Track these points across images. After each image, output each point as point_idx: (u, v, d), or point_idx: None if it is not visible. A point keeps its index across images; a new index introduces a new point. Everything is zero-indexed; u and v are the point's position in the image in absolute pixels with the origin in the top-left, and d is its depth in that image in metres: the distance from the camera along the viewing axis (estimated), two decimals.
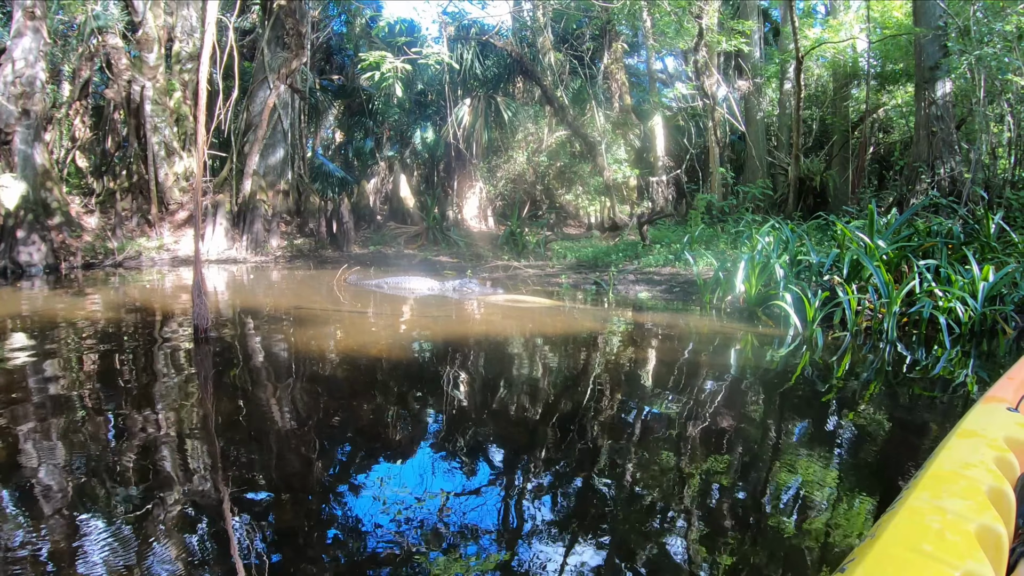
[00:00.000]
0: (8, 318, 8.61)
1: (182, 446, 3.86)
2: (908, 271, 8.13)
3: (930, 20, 14.17)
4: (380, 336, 7.50)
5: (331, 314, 9.01)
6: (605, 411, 4.60)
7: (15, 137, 16.55)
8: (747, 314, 8.39)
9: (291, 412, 4.60)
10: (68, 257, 16.99)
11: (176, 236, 19.59)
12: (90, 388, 5.09)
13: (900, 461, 3.68)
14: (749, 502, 3.18)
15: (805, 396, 5.04)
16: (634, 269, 12.57)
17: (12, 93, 16.46)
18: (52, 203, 17.24)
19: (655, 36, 21.19)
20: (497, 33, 20.56)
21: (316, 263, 17.80)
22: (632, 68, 29.58)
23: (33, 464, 3.50)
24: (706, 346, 6.93)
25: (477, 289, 10.55)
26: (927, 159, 13.95)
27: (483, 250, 18.52)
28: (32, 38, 16.79)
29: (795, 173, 16.52)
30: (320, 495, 3.23)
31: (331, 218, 20.37)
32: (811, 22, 23.78)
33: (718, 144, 17.90)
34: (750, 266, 8.52)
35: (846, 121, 21.43)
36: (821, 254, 8.87)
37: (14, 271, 15.51)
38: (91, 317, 8.58)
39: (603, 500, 3.20)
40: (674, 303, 9.65)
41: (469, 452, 3.86)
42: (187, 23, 21.64)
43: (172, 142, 20.76)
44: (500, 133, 22.80)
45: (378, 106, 25.16)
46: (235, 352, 6.66)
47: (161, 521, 2.89)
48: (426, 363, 6.22)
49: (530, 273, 13.42)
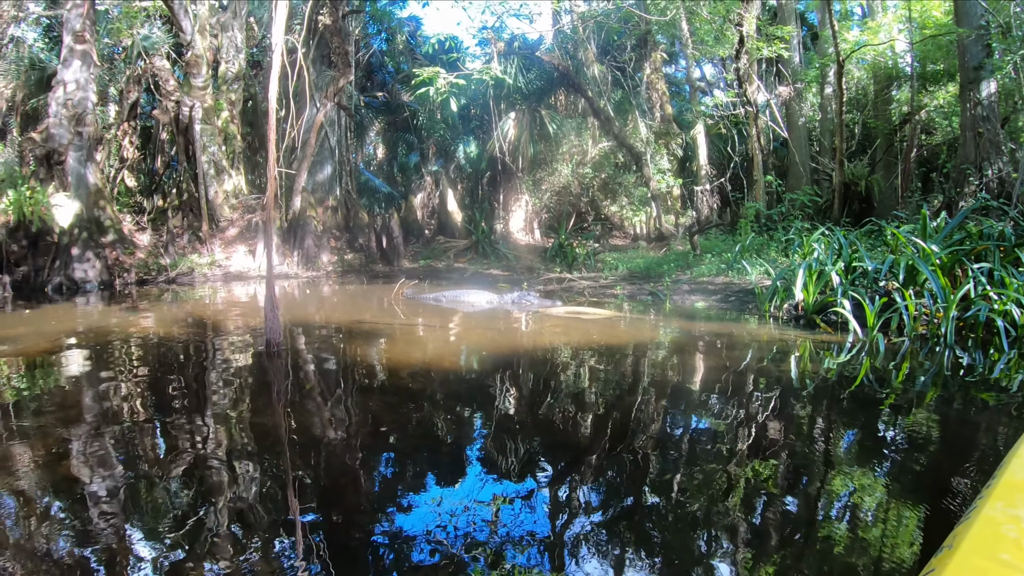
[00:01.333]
0: (78, 333, 8.91)
1: (263, 457, 4.06)
2: (962, 275, 8.23)
3: (972, 20, 14.15)
4: (449, 349, 7.68)
5: (395, 328, 9.22)
6: (675, 421, 4.78)
7: (68, 158, 17.00)
8: (805, 322, 8.53)
9: (370, 425, 4.76)
10: (122, 274, 17.44)
11: (227, 252, 19.97)
12: (173, 402, 5.30)
13: (966, 467, 3.71)
14: (823, 511, 3.23)
15: (871, 401, 5.13)
16: (688, 279, 12.70)
17: (64, 115, 16.93)
18: (105, 221, 17.68)
19: (694, 45, 21.29)
20: (540, 47, 20.83)
21: (368, 278, 18.04)
22: (670, 77, 29.67)
23: (131, 470, 3.74)
24: (770, 354, 7.04)
25: (536, 302, 10.64)
26: (974, 161, 13.94)
27: (532, 263, 18.71)
28: (82, 62, 17.27)
29: (840, 179, 16.53)
30: (403, 506, 3.36)
31: (381, 233, 20.67)
32: (849, 24, 23.66)
33: (762, 151, 17.95)
34: (808, 274, 8.67)
35: (888, 124, 21.33)
36: (876, 260, 8.98)
37: (69, 287, 15.91)
38: (159, 333, 8.86)
39: (682, 508, 3.30)
40: (731, 312, 9.77)
41: (554, 458, 4.03)
42: (233, 44, 22.04)
43: (221, 160, 21.16)
44: (545, 146, 23.00)
45: (423, 121, 25.48)
46: (308, 366, 6.87)
47: (245, 521, 3.13)
48: (499, 375, 6.36)
49: (584, 285, 13.55)
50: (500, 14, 18.78)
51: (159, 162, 24.11)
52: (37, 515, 3.15)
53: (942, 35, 17.43)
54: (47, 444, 4.20)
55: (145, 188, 24.31)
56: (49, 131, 17.07)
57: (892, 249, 9.36)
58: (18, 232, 16.14)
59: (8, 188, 16.29)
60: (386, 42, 28.60)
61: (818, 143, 22.68)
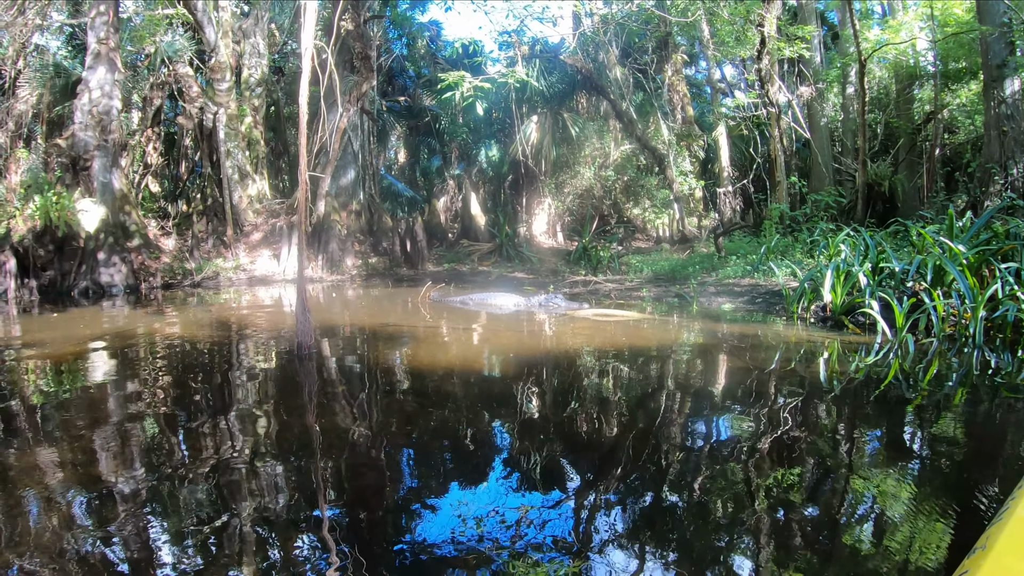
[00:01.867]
0: (111, 336, 9.05)
1: (295, 456, 4.13)
2: (989, 275, 8.25)
3: (995, 17, 14.17)
4: (480, 352, 7.79)
5: (423, 330, 9.33)
6: (713, 422, 4.83)
7: (94, 163, 17.25)
8: (833, 323, 8.59)
9: (404, 427, 4.81)
10: (148, 278, 17.71)
11: (251, 257, 20.20)
12: (211, 403, 5.43)
13: (995, 468, 3.73)
14: (852, 512, 3.26)
15: (901, 401, 5.19)
16: (713, 281, 12.78)
17: (90, 122, 17.18)
18: (131, 226, 17.93)
19: (715, 46, 21.32)
20: (563, 50, 20.92)
21: (393, 282, 18.20)
22: (691, 79, 29.72)
23: (181, 467, 3.82)
24: (800, 356, 7.10)
25: (563, 304, 10.68)
26: (999, 160, 13.93)
27: (556, 266, 18.82)
28: (107, 68, 17.53)
29: (863, 179, 16.53)
30: (432, 507, 3.42)
31: (405, 237, 20.82)
32: (869, 23, 23.60)
33: (784, 152, 17.96)
34: (836, 275, 8.72)
35: (911, 123, 21.28)
36: (902, 261, 9.03)
37: (95, 291, 16.23)
38: (197, 336, 9.01)
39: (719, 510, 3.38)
40: (757, 314, 9.83)
41: (591, 460, 4.08)
42: (255, 50, 22.26)
43: (245, 165, 21.42)
44: (567, 149, 23.12)
45: (445, 125, 25.66)
46: (339, 368, 7.01)
47: (281, 517, 3.23)
48: (532, 378, 6.41)
49: (610, 287, 13.63)
50: (523, 18, 18.86)
51: (183, 168, 24.41)
52: (104, 513, 3.26)
53: (963, 33, 17.38)
54: (103, 438, 4.34)
55: (169, 193, 24.61)
56: (75, 137, 17.33)
57: (919, 249, 9.39)
58: (44, 237, 16.35)
59: (35, 193, 16.54)
60: (407, 47, 28.82)
61: (840, 143, 22.65)
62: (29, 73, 21.62)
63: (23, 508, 3.38)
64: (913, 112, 21.96)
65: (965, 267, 7.94)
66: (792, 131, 21.16)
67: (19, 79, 21.32)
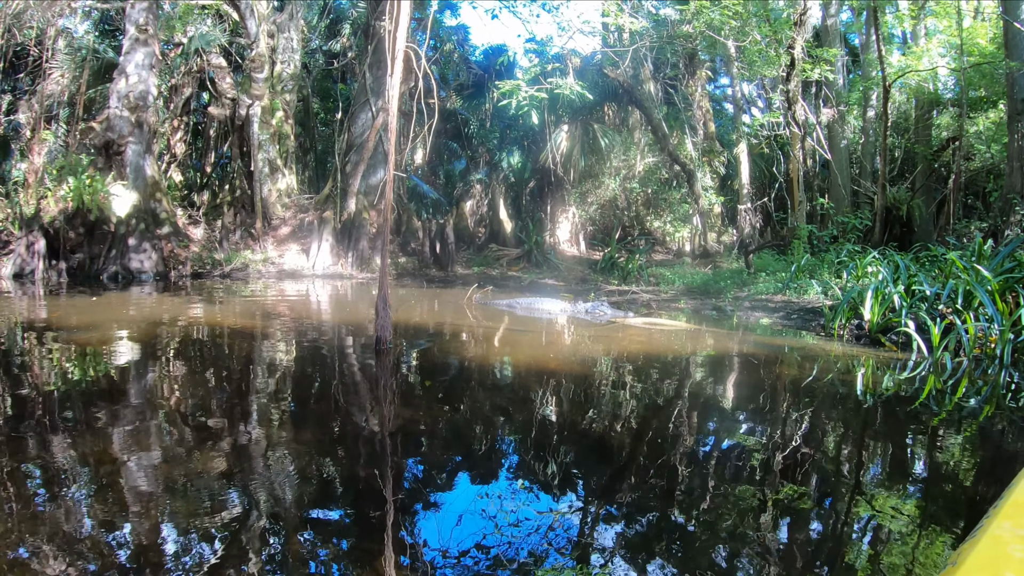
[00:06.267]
0: (160, 323, 9.57)
1: (383, 447, 4.44)
2: (1013, 301, 8.84)
3: (1021, 52, 14.55)
4: (549, 353, 8.27)
5: (484, 330, 9.83)
6: (788, 424, 5.35)
7: (128, 148, 17.65)
8: (868, 340, 9.16)
9: (488, 420, 5.22)
10: (177, 266, 18.08)
11: (280, 251, 20.57)
12: (311, 398, 5.81)
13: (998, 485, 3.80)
14: (864, 522, 3.39)
15: (936, 414, 5.68)
16: (747, 296, 13.30)
17: (125, 107, 17.58)
18: (161, 213, 18.31)
19: (741, 65, 21.77)
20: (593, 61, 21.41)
21: (425, 282, 18.54)
22: (711, 95, 30.19)
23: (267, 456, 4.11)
24: (843, 368, 7.71)
25: (609, 312, 11.02)
26: (1020, 190, 14.41)
27: (584, 274, 19.26)
28: (144, 53, 17.91)
29: (882, 202, 16.99)
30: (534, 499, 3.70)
31: (435, 238, 21.19)
32: (891, 48, 24.05)
33: (806, 172, 18.38)
34: (875, 296, 9.31)
35: (929, 149, 21.75)
36: (936, 284, 9.62)
37: (124, 277, 16.59)
38: (263, 329, 9.50)
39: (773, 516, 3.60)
40: (795, 329, 10.28)
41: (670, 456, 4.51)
42: (289, 45, 22.59)
43: (275, 159, 21.71)
44: (595, 159, 23.58)
45: (473, 130, 26.11)
46: (418, 363, 7.48)
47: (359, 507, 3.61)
48: (608, 377, 6.86)
49: (647, 298, 14.01)
50: (571, 30, 19.36)
51: (211, 158, 24.80)
52: (190, 490, 3.52)
53: (985, 63, 17.82)
54: (189, 418, 4.82)
55: (194, 183, 24.94)
56: (109, 121, 17.72)
57: (946, 274, 9.99)
58: (76, 220, 16.71)
59: (68, 175, 16.84)
60: (433, 49, 29.32)
61: (859, 165, 23.16)
62: (62, 56, 21.90)
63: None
64: (932, 138, 22.47)
65: (994, 292, 8.55)
66: (813, 152, 21.67)
67: (50, 61, 21.57)
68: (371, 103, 21.30)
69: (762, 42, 17.36)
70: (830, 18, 21.59)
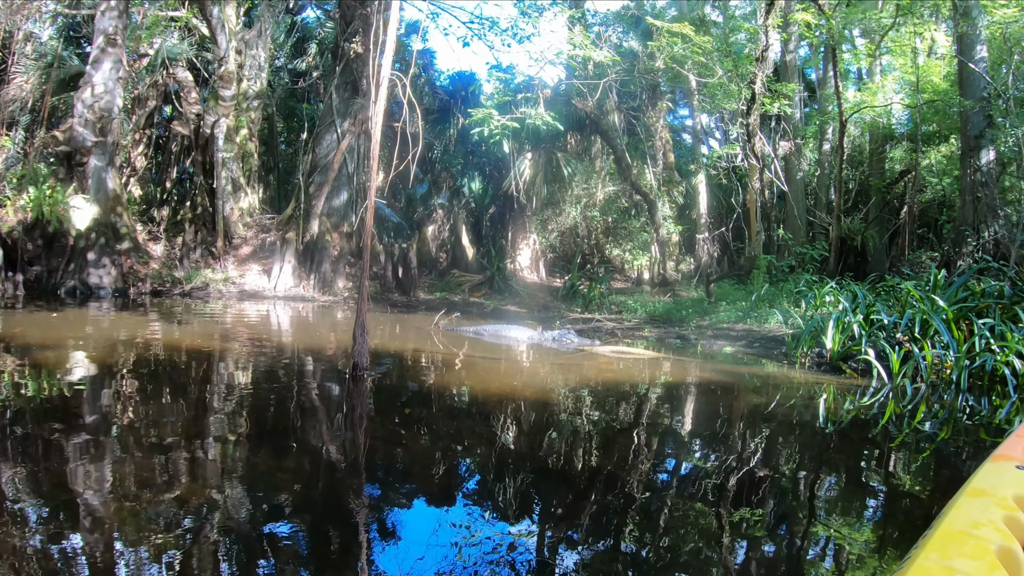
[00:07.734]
0: (123, 342, 9.24)
1: (365, 471, 4.52)
2: (967, 329, 9.16)
3: (975, 91, 14.99)
4: (519, 380, 8.34)
5: (454, 358, 9.75)
6: (770, 450, 5.53)
7: (90, 160, 17.15)
8: (829, 367, 9.38)
9: (476, 446, 5.33)
10: (136, 283, 17.62)
11: (241, 270, 20.20)
12: (284, 423, 5.85)
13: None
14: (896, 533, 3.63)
15: (894, 438, 5.95)
16: (709, 325, 13.45)
17: (90, 118, 17.08)
18: (121, 228, 17.83)
19: (701, 97, 22.12)
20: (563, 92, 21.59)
21: (388, 306, 18.37)
22: (671, 126, 30.59)
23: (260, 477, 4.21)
24: (806, 395, 7.96)
25: (576, 340, 11.04)
26: (972, 223, 14.82)
27: (546, 301, 19.27)
28: (112, 65, 17.47)
29: (837, 233, 17.35)
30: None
31: (397, 263, 21.08)
32: (847, 84, 24.60)
33: (764, 204, 18.67)
34: (836, 325, 9.56)
35: (883, 181, 22.23)
36: (894, 313, 9.90)
37: (83, 292, 16.13)
38: (234, 352, 9.30)
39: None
40: (758, 357, 10.46)
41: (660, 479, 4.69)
42: (256, 62, 22.33)
43: (239, 178, 21.38)
44: (558, 187, 23.73)
45: (437, 154, 26.15)
46: (396, 390, 7.49)
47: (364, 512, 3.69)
48: (585, 405, 6.92)
49: (611, 326, 14.05)
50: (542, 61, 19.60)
51: (172, 173, 24.39)
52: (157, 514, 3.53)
53: (942, 100, 18.30)
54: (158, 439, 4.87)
55: (154, 199, 24.46)
56: (73, 131, 17.21)
57: (902, 303, 10.28)
58: (35, 231, 16.23)
59: (29, 185, 16.42)
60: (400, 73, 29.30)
61: (814, 197, 23.60)
62: (26, 61, 21.43)
63: None
64: (886, 171, 23.01)
65: (949, 321, 8.85)
66: (771, 183, 22.03)
67: (12, 65, 21.06)
68: (337, 124, 21.25)
69: (724, 76, 17.67)
70: (789, 54, 22.09)
